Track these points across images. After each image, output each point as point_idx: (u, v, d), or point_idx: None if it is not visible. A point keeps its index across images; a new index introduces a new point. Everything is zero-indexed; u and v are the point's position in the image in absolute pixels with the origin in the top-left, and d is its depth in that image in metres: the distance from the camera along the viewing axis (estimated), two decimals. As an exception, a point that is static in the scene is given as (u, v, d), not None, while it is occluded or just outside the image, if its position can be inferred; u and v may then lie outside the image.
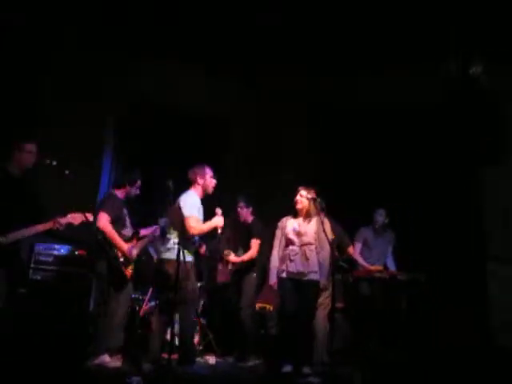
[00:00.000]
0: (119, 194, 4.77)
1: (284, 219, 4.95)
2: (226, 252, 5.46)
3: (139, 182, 4.81)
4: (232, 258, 5.45)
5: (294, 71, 6.69)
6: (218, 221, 4.55)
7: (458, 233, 6.07)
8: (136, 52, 6.29)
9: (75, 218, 4.12)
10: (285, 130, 7.12)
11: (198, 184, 4.60)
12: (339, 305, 5.37)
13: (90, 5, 5.65)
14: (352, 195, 6.40)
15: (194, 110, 6.88)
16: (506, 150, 6.11)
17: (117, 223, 4.61)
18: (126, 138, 6.66)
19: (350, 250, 5.61)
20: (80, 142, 5.88)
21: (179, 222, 4.40)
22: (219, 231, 4.60)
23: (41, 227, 4.01)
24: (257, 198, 5.78)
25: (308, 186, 4.84)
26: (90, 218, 4.29)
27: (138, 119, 6.63)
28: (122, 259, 4.55)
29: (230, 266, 5.54)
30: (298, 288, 4.65)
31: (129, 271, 4.61)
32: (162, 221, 5.02)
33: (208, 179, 4.63)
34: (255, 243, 5.41)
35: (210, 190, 4.64)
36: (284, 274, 4.72)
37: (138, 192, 4.84)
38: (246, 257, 5.39)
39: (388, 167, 6.58)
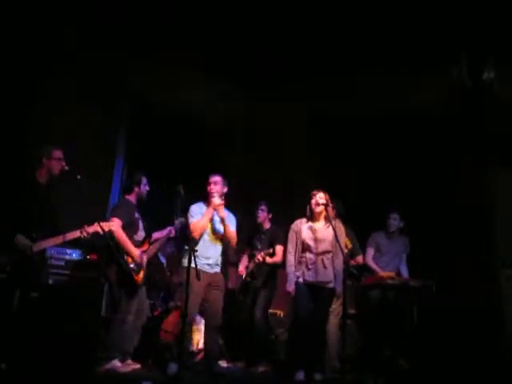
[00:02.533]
0: (131, 198, 4.79)
1: (298, 222, 4.82)
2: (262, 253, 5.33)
3: (145, 180, 4.81)
4: (268, 259, 5.34)
5: (295, 74, 6.70)
6: (214, 201, 4.54)
7: (470, 239, 6.02)
8: (136, 56, 6.31)
9: (103, 226, 4.14)
10: (286, 133, 7.11)
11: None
12: (351, 311, 5.34)
13: (89, 7, 5.66)
14: (360, 199, 6.35)
15: (193, 112, 6.90)
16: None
17: (129, 228, 4.61)
18: (137, 145, 6.69)
19: (359, 259, 5.55)
20: (90, 151, 5.89)
21: None
22: (221, 213, 4.57)
23: (69, 236, 4.04)
24: (260, 200, 5.74)
25: (321, 189, 4.77)
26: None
27: (145, 126, 6.66)
28: (132, 265, 4.54)
29: (243, 271, 5.52)
30: (314, 294, 4.60)
31: (139, 277, 4.60)
32: (178, 222, 5.03)
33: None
34: (280, 249, 5.35)
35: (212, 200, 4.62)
36: (300, 279, 4.64)
37: (147, 188, 4.83)
38: (277, 259, 5.33)
39: (399, 172, 6.52)
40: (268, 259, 5.31)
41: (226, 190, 4.76)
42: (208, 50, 6.37)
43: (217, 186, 4.66)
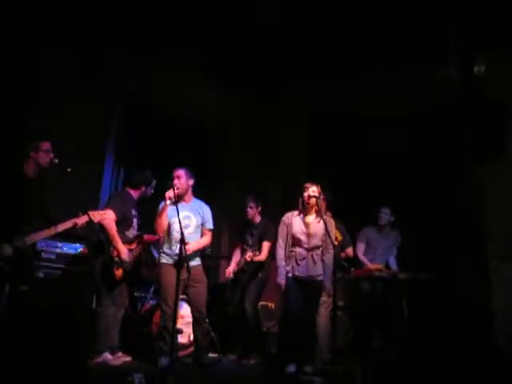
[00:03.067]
0: (133, 193, 4.77)
1: (289, 215, 4.76)
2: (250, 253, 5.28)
3: (154, 182, 4.83)
4: (251, 256, 5.25)
5: (294, 74, 6.70)
6: (167, 194, 4.43)
7: (459, 232, 6.06)
8: (135, 55, 6.29)
9: (94, 216, 4.12)
10: (285, 131, 7.12)
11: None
12: (341, 303, 5.38)
13: (90, 7, 5.65)
14: (353, 195, 6.39)
15: (193, 112, 6.89)
16: (506, 150, 6.10)
17: (122, 223, 4.59)
18: (128, 138, 6.67)
19: (350, 251, 5.57)
20: (82, 143, 5.88)
21: None
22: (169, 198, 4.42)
23: (61, 227, 4.03)
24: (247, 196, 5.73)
25: (314, 182, 4.74)
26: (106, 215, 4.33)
27: (139, 121, 6.64)
28: (116, 259, 4.53)
29: (234, 265, 5.52)
30: (303, 287, 4.60)
31: (119, 272, 4.57)
32: None
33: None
34: (267, 245, 5.35)
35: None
36: (290, 274, 4.62)
37: (152, 191, 4.85)
38: (262, 257, 5.31)
39: (389, 168, 6.58)
40: (255, 259, 5.28)
41: (191, 182, 4.72)
42: (207, 50, 6.36)
43: (180, 179, 4.61)
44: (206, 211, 4.76)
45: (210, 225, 4.76)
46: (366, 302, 5.41)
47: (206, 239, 4.74)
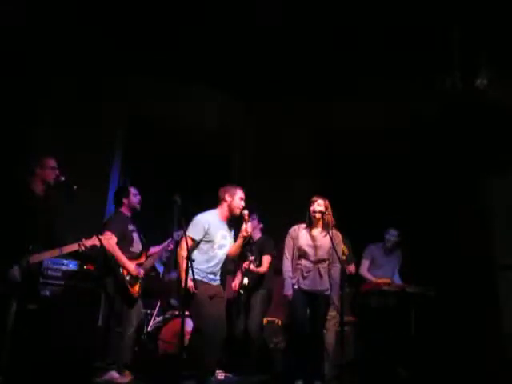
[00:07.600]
0: (123, 210, 4.76)
1: (296, 228, 4.73)
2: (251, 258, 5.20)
3: (134, 190, 4.77)
4: (251, 267, 5.20)
5: (296, 84, 6.72)
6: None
7: (467, 244, 6.03)
8: (138, 70, 6.32)
9: (101, 239, 4.11)
10: (288, 146, 7.12)
11: (225, 201, 4.46)
12: (350, 318, 5.33)
13: (91, 20, 5.68)
14: (357, 209, 6.38)
15: (196, 126, 6.91)
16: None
17: (123, 240, 4.58)
18: (133, 157, 6.69)
19: (351, 268, 5.49)
20: (87, 163, 5.90)
21: None
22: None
23: (66, 249, 4.00)
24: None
25: (321, 195, 4.69)
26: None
27: (142, 139, 6.66)
28: (127, 277, 4.52)
29: (238, 282, 5.47)
30: (310, 301, 4.55)
31: (135, 289, 4.58)
32: (177, 234, 5.01)
33: (236, 200, 4.45)
34: (267, 259, 5.31)
35: (237, 211, 4.44)
36: (296, 286, 4.57)
37: (138, 198, 4.78)
38: (262, 269, 5.25)
39: (395, 181, 6.57)
40: (252, 267, 5.19)
41: None
42: (209, 60, 6.38)
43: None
44: None
45: None
46: (375, 317, 5.36)
47: None
